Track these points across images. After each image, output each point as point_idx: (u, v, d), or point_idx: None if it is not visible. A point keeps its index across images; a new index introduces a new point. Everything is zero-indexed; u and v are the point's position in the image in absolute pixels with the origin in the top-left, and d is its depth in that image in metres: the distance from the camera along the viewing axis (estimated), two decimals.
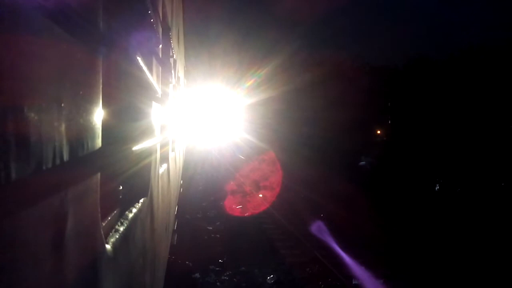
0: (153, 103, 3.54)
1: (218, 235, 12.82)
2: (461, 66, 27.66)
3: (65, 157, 1.20)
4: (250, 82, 40.65)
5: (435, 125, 26.87)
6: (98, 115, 1.59)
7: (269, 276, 9.79)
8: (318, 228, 11.84)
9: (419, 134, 27.63)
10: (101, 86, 1.64)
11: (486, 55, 27.07)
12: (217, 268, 10.16)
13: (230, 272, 10.06)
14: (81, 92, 1.40)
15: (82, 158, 1.37)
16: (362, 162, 31.00)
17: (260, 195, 18.96)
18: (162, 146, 5.02)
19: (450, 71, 28.32)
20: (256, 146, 33.09)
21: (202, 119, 39.29)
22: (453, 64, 28.90)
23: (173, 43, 7.27)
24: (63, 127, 1.18)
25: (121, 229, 2.25)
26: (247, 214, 15.73)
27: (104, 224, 2.03)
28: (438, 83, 28.17)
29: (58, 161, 1.13)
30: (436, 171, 23.97)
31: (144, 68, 2.94)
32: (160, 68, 4.66)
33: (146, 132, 3.28)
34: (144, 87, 3.14)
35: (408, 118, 29.99)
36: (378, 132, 37.00)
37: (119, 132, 2.69)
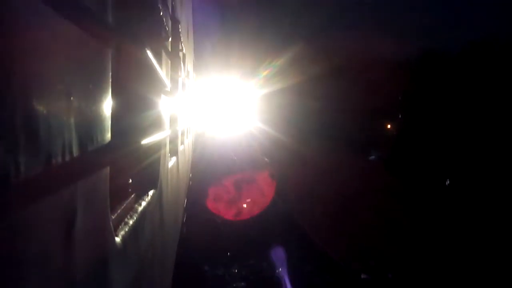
0: (163, 96, 3.55)
1: (227, 228, 12.88)
2: (474, 60, 27.26)
3: (75, 151, 1.21)
4: (265, 73, 40.61)
5: (447, 120, 26.58)
6: (107, 109, 1.59)
7: (277, 270, 9.83)
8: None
9: (430, 128, 27.37)
10: (110, 80, 1.65)
11: (500, 48, 26.64)
12: (226, 261, 10.22)
13: (239, 265, 10.11)
14: (90, 86, 1.40)
15: (91, 152, 1.38)
16: (372, 156, 30.82)
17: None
18: (171, 139, 5.04)
19: (462, 64, 27.95)
20: (272, 137, 33.04)
21: (216, 111, 39.52)
22: (465, 58, 28.50)
23: (183, 36, 7.26)
24: (72, 121, 1.19)
25: (131, 222, 2.26)
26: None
27: (113, 217, 2.05)
28: (450, 77, 27.82)
29: (67, 155, 1.14)
30: (447, 165, 23.76)
31: (154, 61, 2.95)
32: (170, 62, 4.66)
33: (156, 126, 3.29)
34: (153, 81, 3.15)
35: (419, 112, 29.70)
36: (389, 126, 36.74)
37: (128, 125, 2.71)
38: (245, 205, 16.34)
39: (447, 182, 22.41)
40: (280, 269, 9.89)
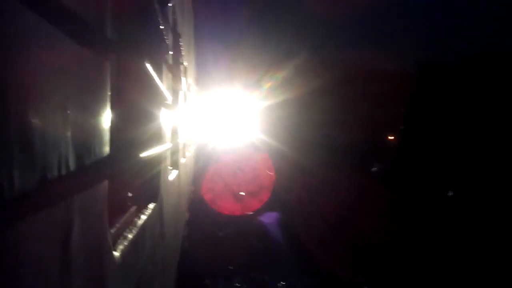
0: (163, 109, 3.55)
1: (228, 241, 12.79)
2: (475, 72, 27.34)
3: (72, 164, 1.19)
4: (268, 85, 40.92)
5: (449, 131, 26.55)
6: (106, 122, 1.59)
7: (279, 283, 9.72)
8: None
9: (433, 139, 27.32)
10: (109, 93, 1.64)
11: (501, 60, 26.72)
12: (227, 274, 10.12)
13: (241, 278, 10.01)
14: (89, 99, 1.40)
15: (89, 166, 1.36)
16: (374, 168, 30.73)
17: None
18: (172, 153, 5.03)
19: (463, 76, 28.01)
20: (275, 148, 33.09)
21: (219, 123, 39.63)
22: (466, 70, 28.58)
23: (184, 49, 7.30)
24: (69, 135, 1.17)
25: (130, 236, 2.24)
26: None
27: (113, 232, 2.03)
28: (452, 88, 27.87)
29: (64, 169, 1.13)
30: (449, 177, 23.65)
31: (154, 75, 2.95)
32: (170, 75, 4.68)
33: (156, 139, 3.28)
34: (154, 94, 3.15)
35: (421, 124, 29.69)
36: (391, 138, 36.72)
37: (128, 138, 2.70)
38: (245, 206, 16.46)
39: (450, 194, 22.28)
40: (283, 283, 9.79)
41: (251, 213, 16.73)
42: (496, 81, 25.14)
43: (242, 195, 19.24)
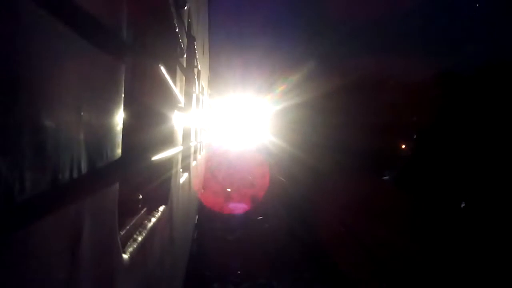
0: (176, 112, 3.55)
1: (238, 245, 12.76)
2: (490, 81, 27.00)
3: (84, 166, 1.19)
4: (281, 88, 41.03)
5: (462, 141, 26.23)
6: (118, 124, 1.59)
7: None
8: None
9: (445, 149, 27.01)
10: (123, 96, 1.64)
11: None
12: (236, 279, 10.09)
13: (249, 283, 9.97)
14: (102, 101, 1.40)
15: (101, 168, 1.36)
16: (385, 177, 30.48)
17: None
18: (184, 155, 5.04)
19: (478, 86, 27.69)
20: (286, 152, 33.14)
21: (232, 126, 39.85)
22: (482, 79, 28.25)
23: (198, 53, 7.33)
24: (82, 136, 1.17)
25: (139, 238, 2.23)
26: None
27: (122, 234, 2.03)
28: (466, 97, 27.56)
29: (76, 171, 1.13)
30: (462, 188, 23.34)
31: (168, 77, 2.96)
32: (184, 78, 4.69)
33: (168, 141, 3.28)
34: (167, 97, 3.16)
35: (434, 133, 29.41)
36: (403, 146, 36.43)
37: (140, 141, 2.70)
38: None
39: (463, 205, 21.98)
40: None
41: (261, 217, 16.68)
42: (509, 92, 24.78)
43: (251, 199, 19.27)
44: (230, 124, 40.33)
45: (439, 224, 16.79)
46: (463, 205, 22.02)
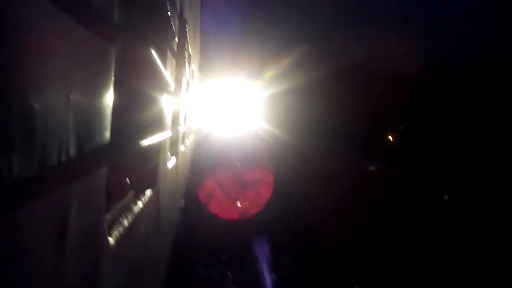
0: (166, 96, 3.53)
1: (223, 231, 12.83)
2: (479, 76, 27.28)
3: (72, 150, 1.18)
4: (271, 73, 40.87)
5: (449, 134, 26.57)
6: (108, 108, 1.57)
7: (271, 274, 9.78)
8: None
9: (431, 142, 27.35)
10: (112, 79, 1.62)
11: (505, 66, 26.66)
12: (220, 264, 10.18)
13: (233, 268, 10.06)
14: (91, 84, 1.38)
15: (89, 152, 1.35)
16: (372, 167, 30.75)
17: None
18: (172, 140, 5.02)
19: (467, 80, 27.96)
20: (276, 137, 33.22)
21: (222, 111, 39.69)
22: (470, 74, 28.52)
23: (189, 36, 7.25)
24: (70, 120, 1.16)
25: (126, 222, 2.23)
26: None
27: (108, 218, 2.02)
28: (454, 91, 27.84)
29: (63, 155, 1.11)
30: (447, 180, 23.72)
31: (158, 61, 2.93)
32: (175, 61, 4.65)
33: (157, 126, 3.26)
34: (157, 80, 3.13)
35: (421, 125, 29.73)
36: (390, 138, 36.76)
37: (129, 125, 2.68)
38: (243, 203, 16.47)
39: (445, 198, 22.34)
40: (273, 275, 9.84)
41: (249, 205, 16.75)
42: (500, 88, 25.12)
43: (241, 188, 19.28)
44: (220, 109, 40.14)
45: (422, 216, 17.06)
46: (446, 198, 22.37)
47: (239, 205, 16.62)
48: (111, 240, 1.90)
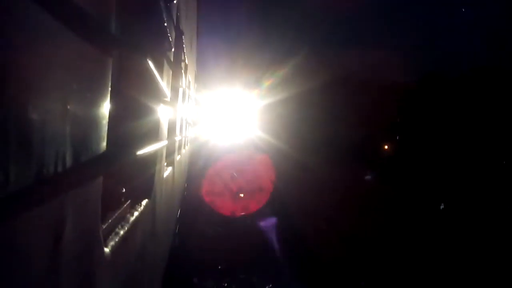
0: (162, 106, 3.54)
1: (219, 241, 12.76)
2: (473, 84, 27.50)
3: (69, 160, 1.19)
4: (268, 83, 41.16)
5: (444, 142, 26.69)
6: (104, 118, 1.58)
7: (267, 285, 9.72)
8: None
9: (426, 151, 27.45)
10: (109, 89, 1.64)
11: (499, 74, 26.90)
12: (216, 274, 10.10)
13: (229, 279, 10.00)
14: (88, 95, 1.39)
15: (85, 162, 1.36)
16: (368, 176, 30.77)
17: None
18: (168, 150, 5.02)
19: (461, 88, 28.18)
20: (272, 145, 33.30)
21: (219, 120, 39.81)
22: (465, 82, 28.76)
23: (186, 47, 7.29)
24: (67, 129, 1.17)
25: (121, 232, 2.23)
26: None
27: (104, 227, 2.02)
28: (449, 100, 28.03)
29: (60, 164, 1.12)
30: (442, 189, 23.77)
31: (155, 71, 2.94)
32: (171, 72, 4.67)
33: (153, 135, 3.27)
34: (154, 90, 3.14)
35: (416, 134, 29.86)
36: (386, 147, 36.85)
37: (126, 134, 2.69)
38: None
39: (442, 207, 22.37)
40: (271, 285, 9.78)
41: (246, 213, 16.71)
42: (494, 96, 25.31)
43: (239, 195, 19.31)
44: (218, 119, 40.26)
45: (418, 225, 17.06)
46: (442, 206, 22.40)
47: (236, 212, 16.62)
48: (107, 249, 1.90)
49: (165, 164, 4.85)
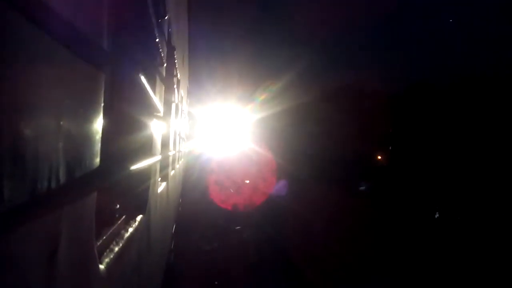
0: (155, 121, 3.54)
1: (215, 256, 12.67)
2: (462, 93, 27.84)
3: (62, 176, 1.18)
4: (262, 97, 41.57)
5: (436, 151, 26.88)
6: (97, 133, 1.58)
7: None
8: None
9: (419, 160, 27.63)
10: (102, 104, 1.64)
11: (488, 83, 27.27)
12: None
13: None
14: (81, 110, 1.39)
15: (79, 177, 1.35)
16: (362, 187, 30.85)
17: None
18: (162, 165, 5.00)
19: (451, 97, 28.51)
20: (267, 158, 33.40)
21: (213, 135, 39.88)
22: (454, 91, 29.10)
23: (178, 62, 7.33)
24: (60, 146, 1.17)
25: (116, 249, 2.21)
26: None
27: (98, 244, 2.00)
28: (439, 109, 28.33)
29: (54, 180, 1.12)
30: (436, 198, 23.86)
31: (147, 86, 2.95)
32: (164, 87, 4.68)
33: (147, 151, 3.26)
34: (146, 106, 3.15)
35: (409, 144, 30.08)
36: (379, 157, 37.02)
37: (119, 150, 2.68)
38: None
39: (437, 215, 22.41)
40: None
41: (239, 227, 16.62)
42: (481, 105, 25.64)
43: (232, 206, 19.29)
44: (212, 133, 40.33)
45: (413, 233, 17.07)
46: (437, 215, 22.45)
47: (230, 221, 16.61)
48: (101, 266, 1.88)
49: (159, 179, 4.83)
